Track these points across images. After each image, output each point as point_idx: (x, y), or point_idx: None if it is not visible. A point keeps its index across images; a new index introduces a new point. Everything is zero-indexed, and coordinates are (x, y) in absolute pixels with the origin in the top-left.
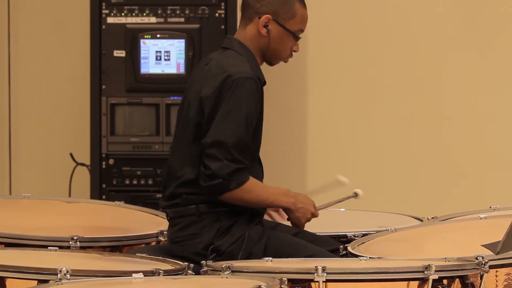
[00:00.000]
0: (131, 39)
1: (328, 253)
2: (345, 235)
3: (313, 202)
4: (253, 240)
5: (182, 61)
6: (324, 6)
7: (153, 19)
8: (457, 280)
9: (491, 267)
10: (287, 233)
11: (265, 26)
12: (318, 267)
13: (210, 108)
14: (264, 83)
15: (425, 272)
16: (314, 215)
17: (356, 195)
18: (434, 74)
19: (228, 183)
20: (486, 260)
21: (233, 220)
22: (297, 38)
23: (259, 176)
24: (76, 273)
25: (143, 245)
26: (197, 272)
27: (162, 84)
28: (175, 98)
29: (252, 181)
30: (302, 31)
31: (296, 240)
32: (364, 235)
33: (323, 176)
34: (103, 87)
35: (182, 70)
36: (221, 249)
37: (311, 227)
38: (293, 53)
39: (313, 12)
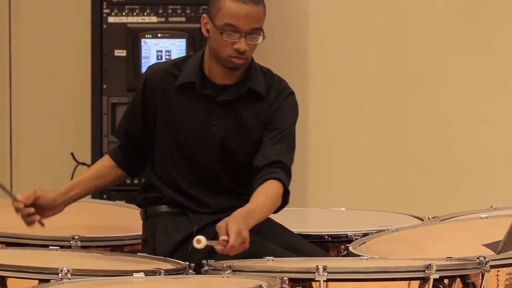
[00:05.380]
0: (132, 39)
1: (281, 249)
2: (346, 234)
3: None
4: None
5: None
6: (325, 6)
7: (154, 19)
8: (458, 279)
9: (492, 266)
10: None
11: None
12: (319, 266)
13: None
14: (193, 84)
15: (426, 271)
16: None
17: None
18: (435, 74)
19: None
20: (487, 260)
21: (173, 222)
22: (221, 32)
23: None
24: (77, 273)
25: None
26: (198, 272)
27: None
28: None
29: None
30: (231, 25)
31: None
32: (365, 234)
33: (323, 175)
34: (104, 86)
35: None
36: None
37: (311, 227)
38: (243, 52)
39: (313, 12)
